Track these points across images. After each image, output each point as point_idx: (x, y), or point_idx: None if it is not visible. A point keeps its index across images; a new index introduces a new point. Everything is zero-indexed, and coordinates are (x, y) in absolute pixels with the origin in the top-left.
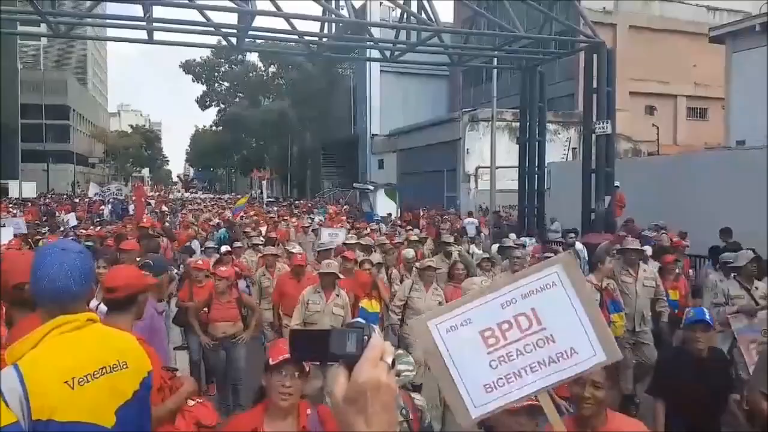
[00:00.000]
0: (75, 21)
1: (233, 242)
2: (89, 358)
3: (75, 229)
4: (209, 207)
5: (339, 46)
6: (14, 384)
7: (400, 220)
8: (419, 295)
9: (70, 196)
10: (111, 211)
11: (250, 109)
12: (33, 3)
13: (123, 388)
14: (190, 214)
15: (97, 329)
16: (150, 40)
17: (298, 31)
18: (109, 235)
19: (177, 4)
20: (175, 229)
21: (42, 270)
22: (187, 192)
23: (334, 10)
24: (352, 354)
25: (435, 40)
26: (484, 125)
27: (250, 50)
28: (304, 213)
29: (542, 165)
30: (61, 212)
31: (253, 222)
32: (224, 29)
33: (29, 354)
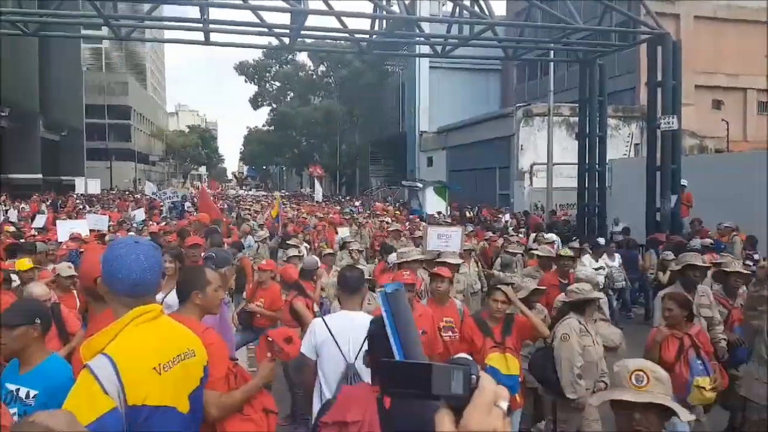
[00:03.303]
0: (136, 24)
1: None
2: (168, 346)
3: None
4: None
5: (389, 43)
6: (109, 372)
7: (449, 218)
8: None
9: (131, 193)
10: (170, 209)
11: (299, 108)
12: (96, 7)
13: (193, 375)
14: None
15: (168, 320)
16: (206, 41)
17: (348, 29)
18: (172, 231)
19: (232, 6)
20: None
21: (117, 263)
22: (241, 189)
23: (385, 6)
24: (458, 395)
25: (488, 34)
26: (539, 120)
27: (302, 49)
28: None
29: (603, 162)
30: (128, 208)
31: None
32: (277, 29)
33: (115, 343)
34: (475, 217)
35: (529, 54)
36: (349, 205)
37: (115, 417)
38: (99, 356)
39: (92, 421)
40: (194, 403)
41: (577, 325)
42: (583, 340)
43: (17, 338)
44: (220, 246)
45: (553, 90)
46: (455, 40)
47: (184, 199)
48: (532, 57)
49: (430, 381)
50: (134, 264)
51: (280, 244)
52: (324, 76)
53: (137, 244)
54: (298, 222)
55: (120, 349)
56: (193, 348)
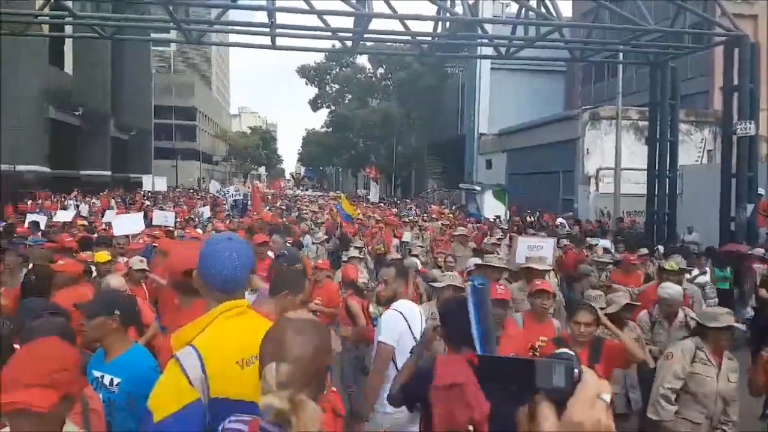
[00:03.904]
0: (205, 28)
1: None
2: (251, 342)
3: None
4: (322, 204)
5: (450, 45)
6: (195, 364)
7: (508, 223)
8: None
9: (196, 191)
10: (233, 206)
11: (357, 110)
12: (170, 12)
13: None
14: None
15: (254, 315)
16: (273, 45)
17: (411, 31)
18: (238, 229)
19: (299, 11)
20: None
21: (212, 258)
22: (298, 189)
23: (449, 8)
24: (561, 388)
25: (554, 35)
26: (606, 124)
27: (364, 52)
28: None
29: (674, 168)
30: (197, 206)
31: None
32: (341, 33)
33: (203, 336)
34: (535, 222)
35: (597, 56)
36: (404, 208)
37: (198, 408)
38: (187, 347)
39: (176, 411)
40: None
41: (692, 348)
42: (696, 367)
43: (95, 328)
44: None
45: (621, 92)
46: (520, 41)
47: (246, 198)
48: (599, 59)
49: (533, 375)
50: (227, 260)
51: (338, 246)
52: (382, 79)
53: (231, 242)
54: (357, 224)
55: (207, 341)
56: None
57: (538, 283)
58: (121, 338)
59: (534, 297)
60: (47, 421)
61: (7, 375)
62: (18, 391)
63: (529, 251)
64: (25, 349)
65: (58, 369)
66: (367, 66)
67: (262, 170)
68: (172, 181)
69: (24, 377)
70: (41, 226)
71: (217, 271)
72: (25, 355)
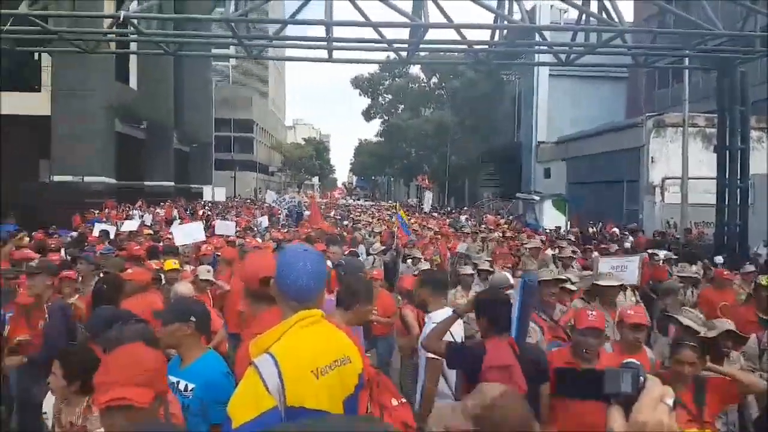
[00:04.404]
0: (265, 43)
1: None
2: (326, 351)
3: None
4: (375, 214)
5: (507, 53)
6: (272, 371)
7: (570, 234)
8: None
9: (253, 201)
10: (287, 216)
11: (410, 120)
12: (232, 28)
13: (348, 382)
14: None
15: (328, 325)
16: (330, 58)
17: (467, 40)
18: (295, 238)
19: (356, 24)
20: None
21: (288, 268)
22: (350, 199)
23: (506, 16)
24: (628, 393)
25: (617, 41)
26: (672, 131)
27: (420, 63)
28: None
29: (745, 177)
30: (255, 215)
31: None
32: (396, 44)
33: (279, 344)
34: (598, 234)
35: (661, 61)
36: (457, 218)
37: (275, 416)
38: (264, 355)
39: (254, 417)
40: (348, 411)
41: None
42: None
43: (171, 334)
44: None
45: (687, 99)
46: (581, 48)
47: (299, 206)
48: (663, 65)
49: (602, 382)
50: (302, 270)
51: (395, 258)
52: (436, 88)
53: (306, 252)
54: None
55: (283, 349)
56: (349, 355)
57: (631, 313)
58: (196, 345)
59: (627, 329)
60: (144, 417)
61: (104, 375)
62: (119, 388)
63: (613, 272)
64: (118, 352)
65: (150, 369)
66: (420, 75)
67: (315, 180)
68: (231, 192)
69: (121, 377)
70: (110, 236)
71: (292, 281)
72: (120, 358)
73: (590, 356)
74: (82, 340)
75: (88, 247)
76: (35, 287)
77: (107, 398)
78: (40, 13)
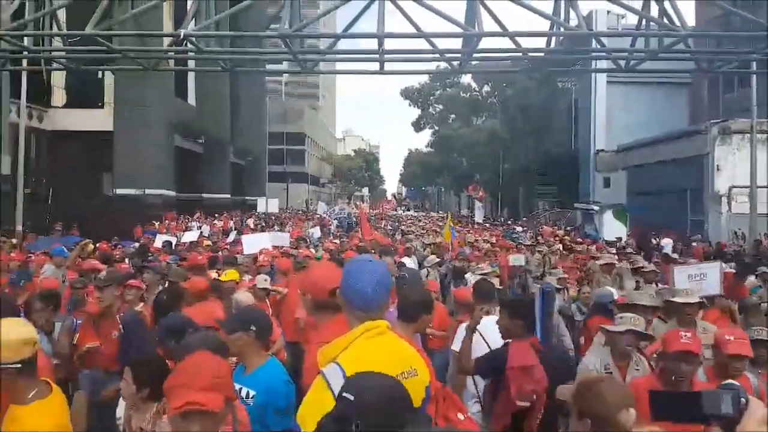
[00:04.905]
0: (319, 57)
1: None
2: (393, 362)
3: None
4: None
5: (562, 59)
6: (340, 381)
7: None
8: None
9: (304, 212)
10: (338, 227)
11: (461, 130)
12: (287, 44)
13: (415, 394)
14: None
15: (394, 337)
16: (381, 70)
17: (522, 48)
18: (347, 249)
19: (408, 35)
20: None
21: (354, 279)
22: (400, 209)
23: (562, 23)
24: (729, 415)
25: (679, 46)
26: (738, 138)
27: (473, 71)
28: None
29: None
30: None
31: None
32: (449, 54)
33: (346, 354)
34: (659, 245)
35: (727, 66)
36: (510, 229)
37: None
38: (332, 364)
39: None
40: None
41: None
42: None
43: (234, 342)
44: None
45: (755, 104)
46: (641, 53)
47: (350, 217)
48: (728, 69)
49: (700, 404)
50: (367, 281)
51: (454, 271)
52: (488, 96)
53: (371, 263)
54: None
55: (350, 359)
56: (416, 367)
57: (731, 339)
58: (257, 353)
59: (725, 358)
60: (215, 421)
61: (176, 381)
62: (192, 393)
63: (690, 282)
64: (188, 359)
65: (220, 376)
66: (472, 84)
67: (365, 191)
68: (283, 203)
69: (193, 383)
70: (173, 246)
71: (357, 291)
72: (190, 364)
73: (681, 385)
74: (150, 348)
75: (153, 257)
76: (105, 299)
77: (181, 403)
78: (106, 32)
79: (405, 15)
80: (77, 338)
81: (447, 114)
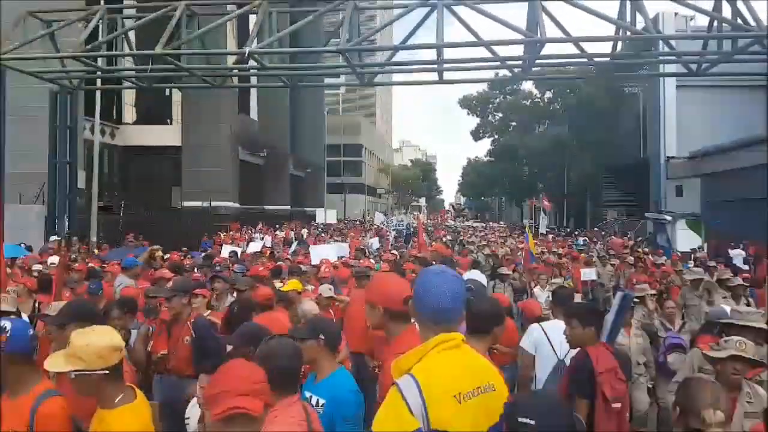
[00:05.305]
0: (378, 70)
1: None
2: (469, 377)
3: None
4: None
5: (628, 64)
6: (415, 393)
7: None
8: None
9: (362, 222)
10: (395, 237)
11: (523, 138)
12: (347, 58)
13: (493, 410)
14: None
15: (470, 350)
16: (440, 80)
17: (586, 53)
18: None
19: (467, 44)
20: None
21: (425, 290)
22: (458, 220)
23: (628, 26)
24: None
25: (755, 47)
26: None
27: (535, 78)
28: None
29: None
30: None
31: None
32: (510, 62)
33: (420, 366)
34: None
35: None
36: (574, 240)
37: None
38: (406, 376)
39: None
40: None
41: None
42: None
43: (305, 351)
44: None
45: None
46: (714, 56)
47: (408, 228)
48: None
49: None
50: (439, 292)
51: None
52: (550, 103)
53: (443, 274)
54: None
55: (424, 371)
56: (494, 382)
57: None
58: (328, 361)
59: None
60: (255, 425)
61: (216, 389)
62: (235, 398)
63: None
64: (225, 368)
65: (258, 381)
66: (533, 91)
67: (422, 201)
68: (341, 214)
69: (234, 389)
70: (238, 256)
71: (428, 303)
72: (228, 372)
73: None
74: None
75: (221, 267)
76: (173, 308)
77: (224, 407)
78: (174, 52)
79: (465, 25)
80: (151, 345)
81: (507, 122)
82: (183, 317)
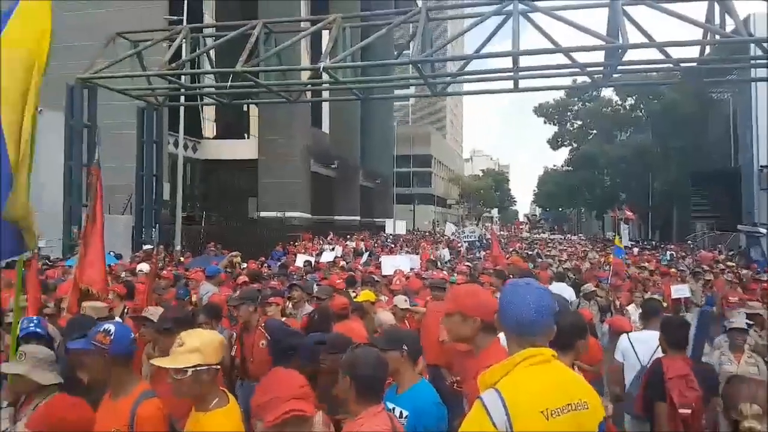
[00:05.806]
0: (450, 80)
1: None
2: (558, 393)
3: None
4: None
5: (721, 69)
6: (498, 407)
7: None
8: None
9: (431, 233)
10: (468, 249)
11: (604, 146)
12: (419, 69)
13: (586, 428)
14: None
15: (560, 366)
16: (515, 88)
17: (672, 58)
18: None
19: (545, 51)
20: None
21: (509, 302)
22: (533, 232)
23: (717, 29)
24: None
25: None
26: None
27: (616, 85)
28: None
29: None
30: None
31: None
32: (590, 68)
33: (506, 380)
34: None
35: None
36: (662, 253)
37: None
38: (491, 390)
39: None
40: None
41: None
42: None
43: (388, 361)
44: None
45: None
46: None
47: (480, 239)
48: None
49: None
50: (521, 304)
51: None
52: (632, 110)
53: (528, 286)
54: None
55: (509, 386)
56: (586, 400)
57: None
58: (409, 372)
59: None
60: (307, 426)
61: (266, 396)
62: (286, 402)
63: None
64: (268, 378)
65: (303, 385)
66: (614, 98)
67: (494, 212)
68: (410, 225)
69: (284, 394)
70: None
71: (512, 316)
72: (273, 381)
73: None
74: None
75: (297, 276)
76: (241, 315)
77: (279, 412)
78: (253, 69)
79: (542, 32)
80: (234, 350)
81: (587, 130)
82: (252, 324)
